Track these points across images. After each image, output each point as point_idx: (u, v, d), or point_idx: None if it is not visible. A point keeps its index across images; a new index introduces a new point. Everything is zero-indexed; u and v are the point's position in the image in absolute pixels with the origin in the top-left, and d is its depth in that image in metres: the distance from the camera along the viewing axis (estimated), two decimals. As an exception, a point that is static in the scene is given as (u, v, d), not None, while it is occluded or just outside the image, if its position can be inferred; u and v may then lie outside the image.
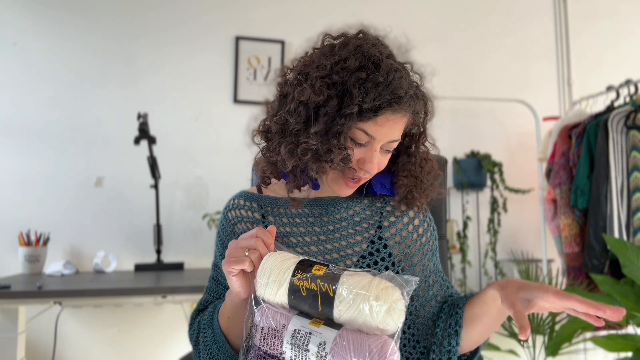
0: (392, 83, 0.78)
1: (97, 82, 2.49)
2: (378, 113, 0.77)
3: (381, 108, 0.77)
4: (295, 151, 0.79)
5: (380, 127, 0.79)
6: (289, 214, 0.91)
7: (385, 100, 0.77)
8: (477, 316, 0.83)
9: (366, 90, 0.76)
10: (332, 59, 0.79)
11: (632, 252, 1.73)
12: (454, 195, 2.73)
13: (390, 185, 0.92)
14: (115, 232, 2.42)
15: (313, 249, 0.87)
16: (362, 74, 0.77)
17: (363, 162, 0.81)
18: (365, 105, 0.76)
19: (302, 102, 0.78)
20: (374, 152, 0.81)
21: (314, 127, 0.77)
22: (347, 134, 0.78)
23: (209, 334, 0.86)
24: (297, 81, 0.81)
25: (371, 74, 0.77)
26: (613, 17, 3.04)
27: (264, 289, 0.70)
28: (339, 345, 0.63)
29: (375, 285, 0.64)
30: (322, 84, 0.77)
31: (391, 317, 0.62)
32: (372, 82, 0.77)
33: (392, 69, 0.79)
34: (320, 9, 2.73)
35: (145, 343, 2.40)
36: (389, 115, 0.78)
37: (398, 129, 0.82)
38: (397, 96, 0.78)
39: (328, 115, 0.77)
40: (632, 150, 2.05)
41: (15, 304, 1.71)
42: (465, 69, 2.88)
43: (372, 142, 0.80)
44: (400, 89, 0.78)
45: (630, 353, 1.75)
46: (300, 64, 0.83)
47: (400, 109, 0.79)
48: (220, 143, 2.55)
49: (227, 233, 0.94)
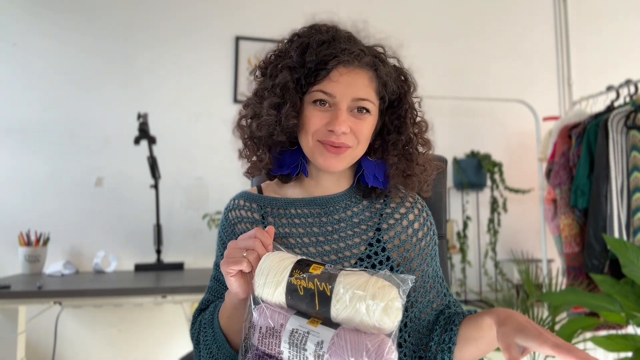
0: (337, 39, 0.84)
1: (97, 82, 2.49)
2: (328, 67, 0.81)
3: (328, 62, 0.81)
4: (258, 128, 0.87)
5: (336, 83, 0.82)
6: (288, 214, 0.91)
7: (329, 53, 0.82)
8: (472, 338, 0.81)
9: (311, 51, 0.83)
10: (283, 45, 0.88)
11: (632, 252, 1.72)
12: (454, 195, 2.73)
13: (384, 178, 0.91)
14: (115, 232, 2.42)
15: (312, 250, 0.87)
16: (305, 39, 0.84)
17: (330, 122, 0.82)
18: (308, 59, 0.82)
19: (262, 88, 0.86)
20: (339, 110, 0.82)
21: (268, 100, 0.85)
22: (296, 100, 0.84)
23: (209, 334, 0.86)
24: (260, 74, 0.90)
25: (314, 36, 0.84)
26: (613, 17, 3.04)
27: (261, 288, 0.71)
28: (337, 344, 0.63)
29: (372, 284, 0.64)
30: (277, 66, 0.85)
31: (388, 316, 0.62)
32: (316, 42, 0.83)
33: (338, 32, 0.86)
34: (321, 9, 2.73)
35: (145, 343, 2.40)
36: (341, 69, 0.82)
37: (359, 85, 0.83)
38: (344, 49, 0.82)
39: (284, 88, 0.84)
40: (632, 150, 2.05)
41: (15, 304, 1.71)
42: (465, 69, 2.88)
43: (335, 101, 0.82)
44: (348, 44, 0.84)
45: (630, 353, 1.75)
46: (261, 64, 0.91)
47: (351, 63, 0.82)
48: (220, 143, 2.54)
49: (228, 233, 0.95)
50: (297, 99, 0.84)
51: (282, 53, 0.87)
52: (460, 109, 2.83)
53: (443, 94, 2.73)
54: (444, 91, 2.75)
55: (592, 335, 2.18)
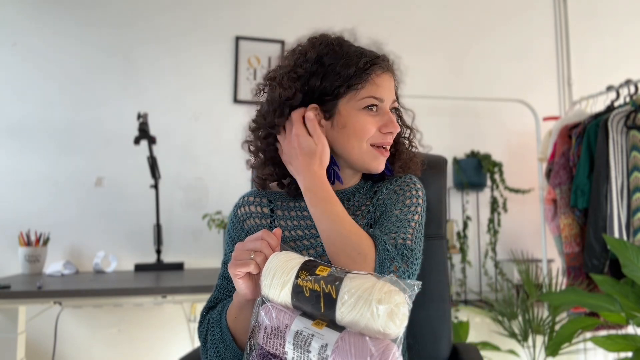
0: (361, 49, 0.89)
1: (97, 82, 2.49)
2: (369, 72, 0.85)
3: (367, 69, 0.85)
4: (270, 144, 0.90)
5: (382, 88, 0.87)
6: (297, 207, 0.94)
7: (368, 59, 0.86)
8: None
9: (343, 64, 0.85)
10: (294, 57, 0.89)
11: (632, 252, 1.73)
12: (454, 195, 2.73)
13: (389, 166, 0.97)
14: (115, 232, 2.42)
15: (320, 241, 0.89)
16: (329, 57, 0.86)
17: (385, 125, 0.88)
18: (350, 71, 0.84)
19: (274, 99, 0.87)
20: (388, 114, 0.89)
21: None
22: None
23: (216, 333, 0.87)
24: (268, 86, 0.90)
25: (339, 50, 0.87)
26: (613, 17, 3.04)
27: (268, 289, 0.71)
28: (341, 348, 0.63)
29: (378, 289, 0.63)
30: (289, 79, 0.86)
31: (393, 321, 0.62)
32: (346, 55, 0.86)
33: (353, 44, 0.90)
34: (321, 9, 2.73)
35: (145, 343, 2.40)
36: (378, 72, 0.87)
37: (392, 88, 0.91)
38: (377, 56, 0.88)
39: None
40: (632, 150, 2.05)
41: (15, 304, 1.70)
42: (465, 69, 2.88)
43: (381, 105, 0.88)
44: (371, 51, 0.90)
45: (630, 353, 1.75)
46: (267, 74, 0.92)
47: (386, 68, 0.89)
48: (220, 143, 2.55)
49: (237, 230, 0.96)
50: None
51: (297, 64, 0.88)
52: (460, 109, 2.83)
53: (443, 94, 2.73)
54: (444, 91, 2.75)
55: (592, 335, 2.18)
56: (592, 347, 2.64)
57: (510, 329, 2.27)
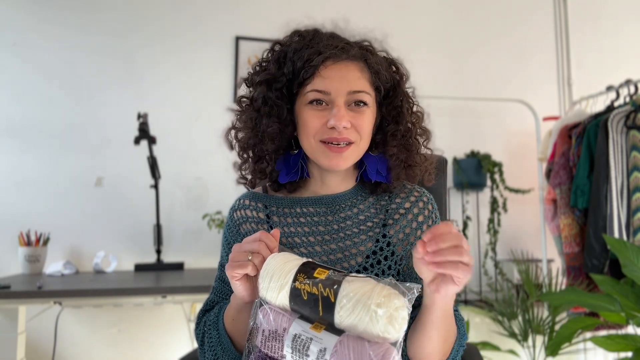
0: (317, 38, 0.85)
1: (97, 82, 2.49)
2: (314, 64, 0.81)
3: (312, 60, 0.81)
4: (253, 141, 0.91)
5: (328, 79, 0.82)
6: (294, 213, 0.91)
7: (314, 51, 0.82)
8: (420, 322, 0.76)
9: (293, 54, 0.84)
10: (265, 55, 0.89)
11: (632, 252, 1.73)
12: (454, 195, 2.73)
13: (387, 172, 0.91)
14: (115, 232, 2.42)
15: (317, 249, 0.87)
16: (284, 47, 0.86)
17: (330, 120, 0.82)
18: (292, 63, 0.83)
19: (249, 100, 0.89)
20: (337, 106, 0.82)
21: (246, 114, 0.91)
22: (280, 110, 0.85)
23: (214, 335, 0.85)
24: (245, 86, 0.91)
25: (294, 41, 0.86)
26: (613, 17, 3.04)
27: (265, 291, 0.70)
28: (339, 352, 0.62)
29: (378, 292, 0.62)
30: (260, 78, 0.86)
31: (392, 325, 0.61)
32: (295, 44, 0.85)
33: (319, 32, 0.87)
34: (321, 9, 2.73)
35: (145, 343, 2.40)
36: (329, 64, 0.82)
37: (351, 78, 0.83)
38: (326, 44, 0.83)
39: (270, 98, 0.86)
40: (632, 150, 2.05)
41: (15, 304, 1.71)
42: (465, 69, 2.87)
43: (331, 98, 0.82)
44: (330, 40, 0.84)
45: (630, 353, 1.75)
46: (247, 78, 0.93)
47: (339, 56, 0.82)
48: (220, 143, 2.54)
49: (233, 233, 0.95)
50: (282, 109, 0.86)
51: (262, 64, 0.89)
52: (460, 109, 2.83)
53: (443, 94, 2.73)
54: (444, 91, 2.74)
55: (592, 335, 2.18)
56: (592, 347, 2.64)
57: (510, 329, 2.27)
